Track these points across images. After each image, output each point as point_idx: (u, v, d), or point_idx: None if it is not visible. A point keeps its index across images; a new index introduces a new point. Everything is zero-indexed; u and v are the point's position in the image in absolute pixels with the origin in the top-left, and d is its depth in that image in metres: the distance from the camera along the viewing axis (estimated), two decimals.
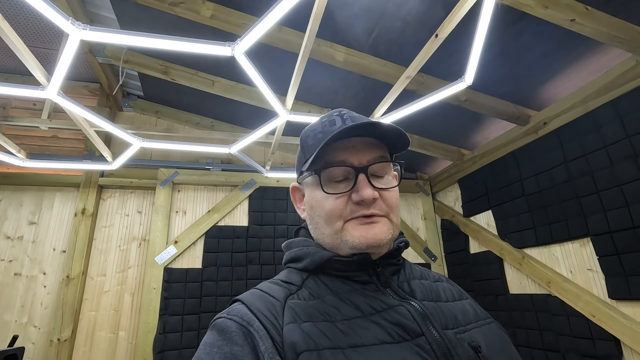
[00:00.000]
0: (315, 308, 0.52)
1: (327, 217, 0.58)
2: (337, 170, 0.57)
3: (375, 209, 0.56)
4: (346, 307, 0.52)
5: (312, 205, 0.61)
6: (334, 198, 0.57)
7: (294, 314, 0.50)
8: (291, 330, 0.48)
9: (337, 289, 0.56)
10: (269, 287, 0.56)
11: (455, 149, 2.84)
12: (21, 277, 2.44)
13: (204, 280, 2.54)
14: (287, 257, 0.65)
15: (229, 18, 1.83)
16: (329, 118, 0.62)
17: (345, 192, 0.57)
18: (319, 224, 0.60)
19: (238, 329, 0.48)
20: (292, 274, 0.60)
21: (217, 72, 2.44)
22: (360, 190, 0.55)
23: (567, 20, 1.47)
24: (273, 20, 1.13)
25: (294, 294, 0.55)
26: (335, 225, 0.57)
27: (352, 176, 0.57)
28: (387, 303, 0.54)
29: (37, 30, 2.23)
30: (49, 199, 2.64)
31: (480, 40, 1.26)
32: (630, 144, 1.64)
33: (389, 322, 0.51)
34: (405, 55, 1.89)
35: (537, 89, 2.02)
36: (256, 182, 2.88)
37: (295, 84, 1.56)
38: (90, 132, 1.87)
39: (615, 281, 1.69)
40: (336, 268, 0.58)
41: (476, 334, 0.55)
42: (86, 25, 1.12)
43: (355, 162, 0.57)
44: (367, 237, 0.55)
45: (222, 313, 0.52)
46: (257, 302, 0.52)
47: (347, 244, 0.56)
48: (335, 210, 0.57)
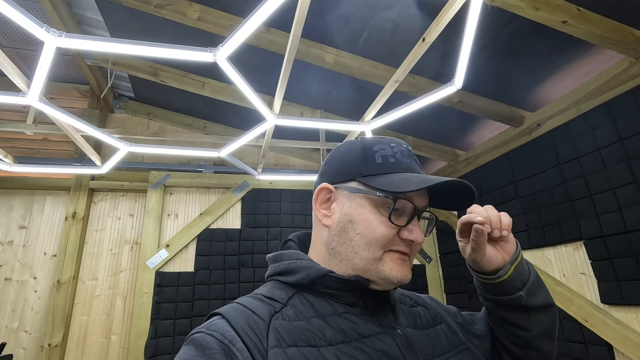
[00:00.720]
0: (300, 330, 0.50)
1: (374, 240, 0.55)
2: (404, 203, 0.57)
3: (410, 249, 0.58)
4: (331, 331, 0.51)
5: (353, 220, 0.57)
6: (389, 226, 0.56)
7: (279, 337, 0.48)
8: (276, 356, 0.45)
9: (323, 310, 0.54)
10: (251, 303, 0.53)
11: (450, 149, 2.81)
12: (11, 281, 2.42)
13: (196, 283, 2.53)
14: (275, 269, 0.61)
15: (215, 20, 1.80)
16: (399, 148, 0.61)
17: (400, 226, 0.56)
18: (356, 242, 0.57)
19: (219, 347, 0.44)
20: (276, 289, 0.57)
21: (208, 74, 2.41)
22: (415, 232, 0.56)
23: (559, 22, 1.45)
24: (255, 24, 1.10)
25: (279, 312, 0.52)
26: (376, 253, 0.55)
27: (407, 213, 0.57)
28: (373, 329, 0.53)
29: (22, 32, 2.20)
30: (40, 202, 2.62)
31: (468, 43, 1.23)
32: (623, 147, 1.61)
33: (373, 349, 0.50)
34: (396, 56, 1.86)
35: (531, 91, 1.99)
36: (249, 184, 2.86)
37: (282, 88, 1.53)
38: (76, 136, 1.85)
39: (608, 286, 1.67)
40: (328, 285, 0.56)
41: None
42: (62, 32, 1.09)
43: (416, 203, 0.57)
44: (403, 273, 0.56)
45: (201, 327, 0.48)
46: (240, 318, 0.48)
47: (381, 273, 0.55)
48: (386, 238, 0.55)
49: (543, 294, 0.62)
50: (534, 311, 0.61)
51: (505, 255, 0.60)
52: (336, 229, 0.59)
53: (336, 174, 0.62)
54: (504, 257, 0.60)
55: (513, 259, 0.59)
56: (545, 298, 0.62)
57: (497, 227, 0.58)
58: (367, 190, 0.57)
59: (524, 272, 0.60)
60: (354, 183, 0.59)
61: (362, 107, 1.98)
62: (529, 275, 0.61)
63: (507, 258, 0.60)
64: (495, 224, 0.58)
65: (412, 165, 0.60)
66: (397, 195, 0.55)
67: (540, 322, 0.62)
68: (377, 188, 0.56)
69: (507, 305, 0.62)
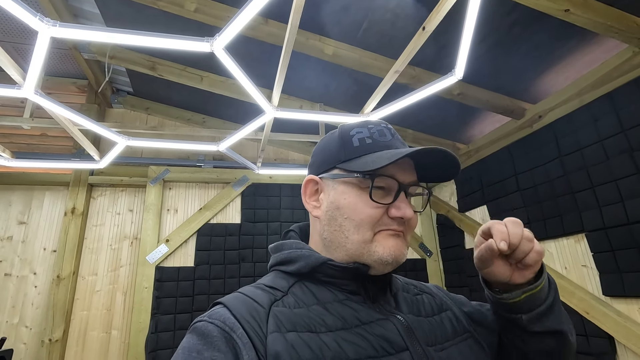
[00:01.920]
0: (300, 317, 0.50)
1: (361, 222, 0.55)
2: (384, 180, 0.56)
3: (403, 227, 0.57)
4: (331, 318, 0.51)
5: (340, 206, 0.58)
6: (374, 206, 0.55)
7: (278, 322, 0.48)
8: (275, 340, 0.46)
9: (324, 297, 0.54)
10: (252, 291, 0.54)
11: (451, 143, 2.79)
12: (11, 277, 2.42)
13: (196, 278, 2.52)
14: (276, 259, 0.62)
15: (213, 11, 1.78)
16: (377, 128, 0.61)
17: (386, 204, 0.56)
18: (345, 227, 0.57)
19: (220, 334, 0.45)
20: (277, 279, 0.58)
21: (206, 67, 2.39)
22: (403, 208, 0.55)
23: (561, 11, 1.42)
24: (252, 13, 1.08)
25: (279, 300, 0.53)
26: (365, 234, 0.55)
27: (393, 191, 0.56)
28: (373, 316, 0.53)
29: (18, 26, 2.17)
30: (39, 198, 2.61)
31: (469, 32, 1.21)
32: (626, 138, 1.60)
33: (374, 335, 0.50)
34: (396, 48, 1.83)
35: (532, 82, 1.97)
36: (249, 179, 2.84)
37: (281, 80, 1.51)
38: (73, 130, 1.83)
39: (610, 278, 1.66)
40: (328, 274, 0.56)
41: (453, 353, 0.55)
42: (56, 22, 1.07)
43: (400, 179, 0.57)
44: (397, 250, 0.55)
45: (203, 316, 0.49)
46: (241, 306, 0.49)
47: (374, 255, 0.54)
48: (373, 218, 0.55)
49: (552, 320, 0.56)
50: (534, 334, 0.57)
51: (516, 276, 0.54)
52: (325, 218, 0.60)
53: (320, 165, 0.63)
54: (513, 276, 0.54)
55: (528, 288, 0.54)
56: (553, 324, 0.56)
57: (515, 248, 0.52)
58: (345, 174, 0.58)
59: (536, 299, 0.55)
60: (335, 170, 0.60)
61: (362, 100, 1.96)
62: (542, 302, 0.55)
63: (517, 280, 0.54)
64: (514, 244, 0.52)
65: (391, 142, 0.60)
66: (372, 173, 0.55)
67: (540, 344, 0.58)
68: (354, 170, 0.56)
69: (505, 317, 0.59)
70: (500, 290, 0.57)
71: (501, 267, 0.55)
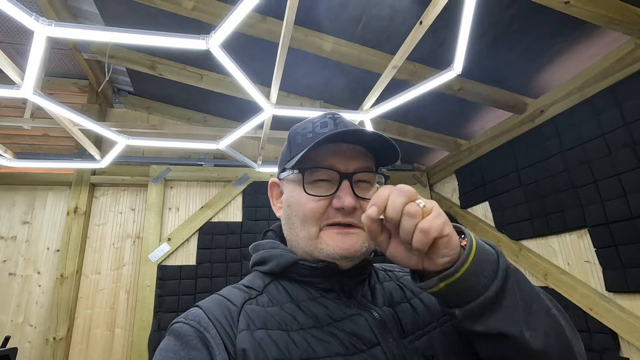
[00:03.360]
0: (272, 315, 0.51)
1: (305, 218, 0.56)
2: (322, 172, 0.56)
3: (354, 218, 0.54)
4: (303, 316, 0.51)
5: (290, 204, 0.59)
6: (315, 200, 0.55)
7: (249, 320, 0.49)
8: (243, 338, 0.47)
9: (298, 296, 0.55)
10: (229, 291, 0.56)
11: (452, 139, 2.77)
12: (16, 276, 2.44)
13: (198, 277, 2.53)
14: (253, 259, 0.64)
15: (210, 9, 1.78)
16: (321, 120, 0.61)
17: (327, 196, 0.55)
18: (295, 224, 0.58)
19: (195, 334, 0.47)
20: (255, 278, 0.59)
21: (206, 66, 2.39)
22: (343, 197, 0.54)
23: (561, 3, 1.40)
24: (246, 9, 1.08)
25: (253, 299, 0.54)
26: (311, 230, 0.56)
27: (336, 181, 0.55)
28: (345, 312, 0.53)
29: (18, 27, 2.18)
30: (42, 198, 2.63)
31: (466, 27, 1.20)
32: (628, 132, 1.57)
33: (345, 332, 0.50)
34: (395, 43, 1.82)
35: (533, 76, 1.95)
36: (249, 177, 2.85)
37: (278, 77, 1.51)
38: (74, 130, 1.84)
39: (613, 274, 1.64)
40: (301, 273, 0.57)
41: (435, 336, 0.53)
42: (51, 21, 1.07)
43: (341, 168, 0.56)
44: (342, 248, 0.53)
45: (180, 318, 0.51)
46: (215, 308, 0.51)
47: (321, 252, 0.55)
48: (315, 213, 0.55)
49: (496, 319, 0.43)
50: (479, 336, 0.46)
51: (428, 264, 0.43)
52: (284, 217, 0.61)
53: (279, 168, 0.65)
54: (424, 263, 0.44)
55: (444, 275, 0.42)
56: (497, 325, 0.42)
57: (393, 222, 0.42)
58: (288, 172, 0.59)
59: (464, 291, 0.43)
60: (286, 171, 0.60)
61: (363, 97, 1.95)
62: (477, 294, 0.43)
63: (430, 267, 0.43)
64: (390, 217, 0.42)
65: (330, 130, 0.58)
66: (301, 167, 0.55)
67: (491, 349, 0.46)
68: (290, 168, 0.57)
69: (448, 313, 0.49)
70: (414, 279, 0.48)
71: (400, 250, 0.45)
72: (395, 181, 2.32)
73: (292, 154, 0.60)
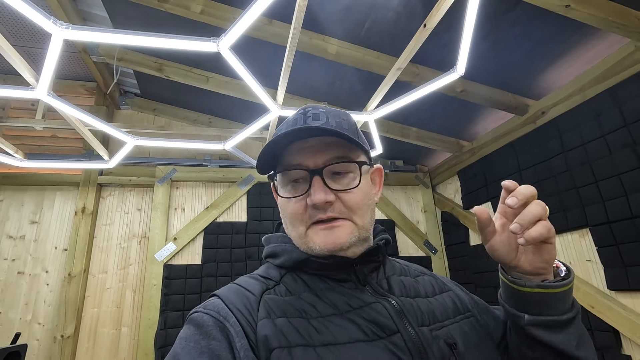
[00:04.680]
0: (291, 304, 0.51)
1: (291, 219, 0.58)
2: (294, 172, 0.56)
3: (334, 212, 0.54)
4: (322, 304, 0.52)
5: (280, 207, 0.61)
6: (293, 202, 0.56)
7: (269, 309, 0.50)
8: (264, 326, 0.48)
9: (315, 286, 0.55)
10: (246, 281, 0.56)
11: (454, 140, 2.80)
12: (24, 275, 2.47)
13: (203, 276, 2.56)
14: (266, 251, 0.64)
15: (218, 13, 1.82)
16: (294, 116, 0.59)
17: (301, 196, 0.55)
18: (287, 225, 0.60)
19: (214, 324, 0.47)
20: (270, 269, 0.60)
21: (212, 68, 2.43)
22: (313, 194, 0.53)
23: (561, 7, 1.43)
24: (256, 13, 1.11)
25: (271, 289, 0.55)
26: (298, 230, 0.57)
27: (308, 179, 0.55)
28: (364, 300, 0.53)
29: (30, 30, 2.23)
30: (50, 198, 2.67)
31: (469, 29, 1.23)
32: (628, 132, 1.60)
33: (364, 319, 0.50)
34: (399, 46, 1.86)
35: (535, 78, 1.98)
36: (254, 178, 2.88)
37: (285, 78, 1.54)
38: (84, 131, 1.88)
39: (614, 272, 1.66)
40: (314, 267, 0.57)
41: (453, 330, 0.54)
42: (68, 25, 1.11)
43: (310, 164, 0.55)
44: (327, 243, 0.54)
45: (199, 307, 0.51)
46: (233, 297, 0.52)
47: (312, 250, 0.56)
48: (296, 214, 0.56)
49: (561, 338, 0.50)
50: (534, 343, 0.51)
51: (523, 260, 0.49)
52: (282, 219, 0.62)
53: None
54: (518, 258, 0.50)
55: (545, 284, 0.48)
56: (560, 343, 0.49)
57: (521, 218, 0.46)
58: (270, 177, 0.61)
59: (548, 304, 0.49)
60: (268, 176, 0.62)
61: (366, 99, 1.99)
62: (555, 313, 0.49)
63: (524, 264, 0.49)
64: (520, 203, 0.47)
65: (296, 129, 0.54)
66: (268, 174, 0.58)
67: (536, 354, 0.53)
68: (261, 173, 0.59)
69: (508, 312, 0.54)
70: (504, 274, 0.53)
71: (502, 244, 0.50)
72: (397, 182, 2.36)
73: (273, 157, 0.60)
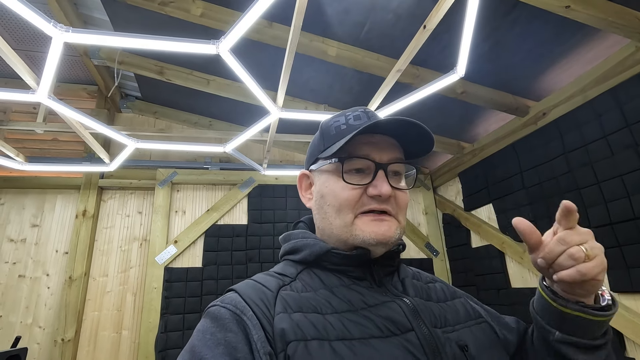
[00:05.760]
0: (307, 299, 0.52)
1: (340, 206, 0.58)
2: (359, 162, 0.58)
3: (388, 206, 0.57)
4: (338, 301, 0.53)
5: (323, 194, 0.61)
6: (350, 188, 0.57)
7: (285, 304, 0.51)
8: (281, 320, 0.48)
9: (331, 283, 0.56)
10: (263, 278, 0.57)
11: (455, 142, 2.80)
12: (25, 278, 2.47)
13: (204, 279, 2.56)
14: (285, 249, 0.65)
15: (218, 16, 1.82)
16: (354, 113, 0.63)
17: (363, 185, 0.57)
18: (329, 213, 0.60)
19: (231, 317, 0.48)
20: (287, 267, 0.61)
21: (212, 71, 2.44)
22: (379, 185, 0.56)
23: (561, 7, 1.43)
24: (255, 15, 1.12)
25: (287, 285, 0.55)
26: (346, 218, 0.57)
27: (371, 171, 0.57)
28: (379, 299, 0.54)
29: (31, 34, 2.24)
30: (51, 201, 2.67)
31: (469, 30, 1.23)
32: (630, 133, 1.59)
33: (379, 316, 0.51)
34: (398, 48, 1.86)
35: (536, 79, 1.98)
36: (255, 180, 2.88)
37: (285, 81, 1.54)
38: (85, 134, 1.88)
39: (617, 274, 1.65)
40: (333, 262, 0.58)
41: (464, 334, 0.55)
42: (69, 28, 1.11)
43: (376, 158, 0.58)
44: (377, 233, 0.55)
45: (216, 301, 0.52)
46: (251, 291, 0.52)
47: (356, 238, 0.56)
48: (350, 201, 0.57)
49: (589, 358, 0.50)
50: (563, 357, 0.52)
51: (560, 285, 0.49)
52: (315, 207, 0.63)
53: (309, 160, 0.67)
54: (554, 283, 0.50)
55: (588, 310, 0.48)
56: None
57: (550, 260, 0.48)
58: (322, 162, 0.61)
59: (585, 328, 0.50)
60: (318, 162, 0.62)
61: (366, 100, 1.99)
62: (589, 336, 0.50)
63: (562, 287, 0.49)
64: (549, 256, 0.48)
65: (364, 122, 0.60)
66: (339, 156, 0.57)
67: None
68: (328, 156, 0.59)
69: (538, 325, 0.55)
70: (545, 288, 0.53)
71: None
72: None
73: (326, 145, 0.61)
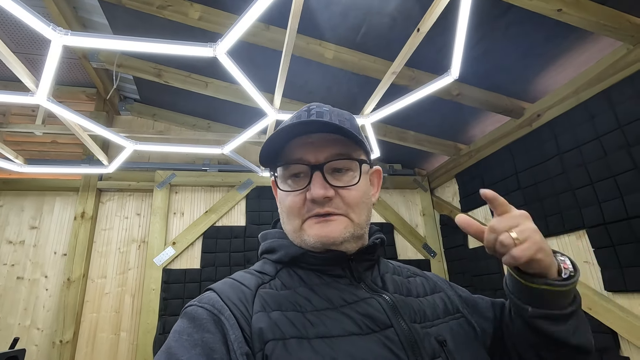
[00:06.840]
0: (286, 298, 0.52)
1: (288, 213, 0.59)
2: (294, 167, 0.57)
3: (331, 207, 0.56)
4: (317, 299, 0.53)
5: (279, 201, 0.62)
6: (292, 195, 0.57)
7: (264, 303, 0.51)
8: (259, 319, 0.48)
9: (310, 281, 0.56)
10: (242, 276, 0.57)
11: (452, 143, 2.82)
12: (23, 280, 2.48)
13: (202, 280, 2.56)
14: (262, 247, 0.65)
15: (216, 19, 1.85)
16: (298, 113, 0.61)
17: (301, 190, 0.56)
18: (284, 219, 0.61)
19: (209, 317, 0.48)
20: (266, 265, 0.61)
21: (210, 74, 2.46)
22: (312, 189, 0.55)
23: (553, 11, 1.46)
24: (252, 18, 1.13)
25: (266, 283, 0.55)
26: (294, 223, 0.58)
27: (307, 174, 0.56)
28: (359, 295, 0.54)
29: (30, 37, 2.26)
30: (49, 203, 2.68)
31: (462, 32, 1.25)
32: (622, 134, 1.61)
33: (358, 313, 0.51)
34: (394, 50, 1.88)
35: (530, 81, 2.00)
36: (253, 182, 2.89)
37: (282, 82, 1.56)
38: (83, 136, 1.90)
39: (611, 273, 1.67)
40: (310, 262, 0.58)
41: (443, 329, 0.55)
42: (67, 31, 1.13)
43: (311, 160, 0.56)
44: (320, 236, 0.55)
45: (194, 301, 0.52)
46: (229, 291, 0.52)
47: (305, 243, 0.57)
48: (294, 208, 0.57)
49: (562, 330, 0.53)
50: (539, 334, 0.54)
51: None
52: (279, 213, 0.64)
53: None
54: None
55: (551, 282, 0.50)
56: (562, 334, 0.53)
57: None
58: (271, 170, 0.62)
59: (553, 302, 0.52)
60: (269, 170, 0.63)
61: (362, 102, 2.01)
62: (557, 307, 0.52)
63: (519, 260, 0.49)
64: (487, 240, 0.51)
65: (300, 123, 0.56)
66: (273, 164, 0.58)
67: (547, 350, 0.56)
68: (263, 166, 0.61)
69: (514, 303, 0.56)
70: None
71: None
72: (396, 185, 2.37)
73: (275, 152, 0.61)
